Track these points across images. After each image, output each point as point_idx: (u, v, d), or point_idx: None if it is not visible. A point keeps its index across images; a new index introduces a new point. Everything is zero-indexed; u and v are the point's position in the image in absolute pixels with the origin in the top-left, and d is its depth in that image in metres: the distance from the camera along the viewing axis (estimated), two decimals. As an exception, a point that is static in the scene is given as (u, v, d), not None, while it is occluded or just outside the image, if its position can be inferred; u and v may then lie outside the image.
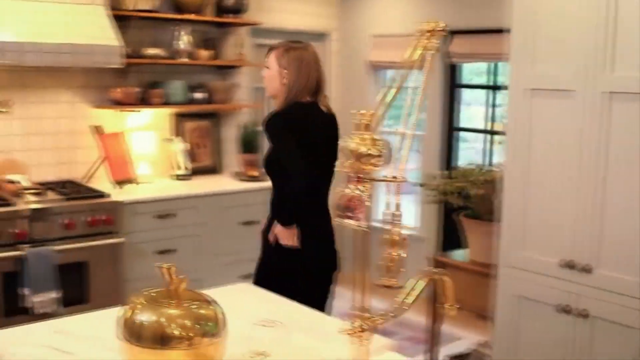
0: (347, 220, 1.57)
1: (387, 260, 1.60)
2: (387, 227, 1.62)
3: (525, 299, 3.32)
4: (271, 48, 3.29)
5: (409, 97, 1.60)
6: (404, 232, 1.60)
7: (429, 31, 1.65)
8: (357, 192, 1.54)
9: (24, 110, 4.84)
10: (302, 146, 3.11)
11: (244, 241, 5.17)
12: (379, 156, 1.54)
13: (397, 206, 1.61)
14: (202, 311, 1.71)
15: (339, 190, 1.61)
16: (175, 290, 1.70)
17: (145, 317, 1.67)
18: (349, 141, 1.57)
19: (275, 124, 3.18)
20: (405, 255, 1.61)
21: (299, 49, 3.24)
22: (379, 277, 1.61)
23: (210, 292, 1.85)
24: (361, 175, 1.54)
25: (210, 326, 1.69)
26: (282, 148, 3.16)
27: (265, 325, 2.07)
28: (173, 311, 1.68)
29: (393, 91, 1.63)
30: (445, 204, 5.08)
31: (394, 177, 1.58)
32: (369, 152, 1.53)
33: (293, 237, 3.23)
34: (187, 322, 1.65)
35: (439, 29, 1.68)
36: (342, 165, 1.57)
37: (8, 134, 4.79)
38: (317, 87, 3.26)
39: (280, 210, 3.26)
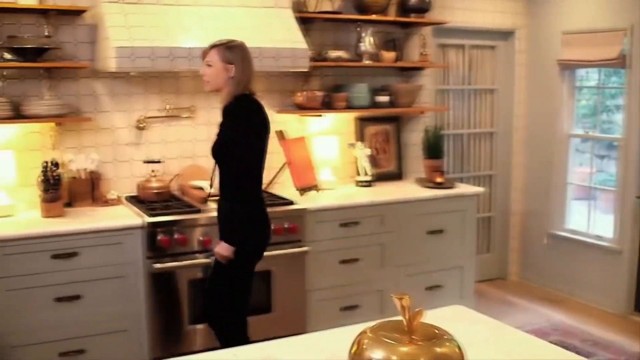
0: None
1: None
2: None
3: None
4: (211, 46, 3.47)
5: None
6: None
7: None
8: None
9: (208, 115, 4.82)
10: (256, 138, 3.51)
11: (430, 251, 4.92)
12: None
13: None
14: (440, 349, 1.45)
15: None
16: (409, 324, 1.45)
17: (376, 354, 1.43)
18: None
19: (239, 115, 3.45)
20: None
21: (238, 45, 3.48)
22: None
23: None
24: None
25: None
26: (241, 137, 3.43)
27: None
28: (407, 349, 1.43)
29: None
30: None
31: None
32: None
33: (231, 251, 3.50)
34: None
35: None
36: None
37: (192, 140, 4.79)
38: (253, 80, 3.55)
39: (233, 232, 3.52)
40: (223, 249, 3.49)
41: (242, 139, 3.43)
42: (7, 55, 4.03)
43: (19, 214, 4.14)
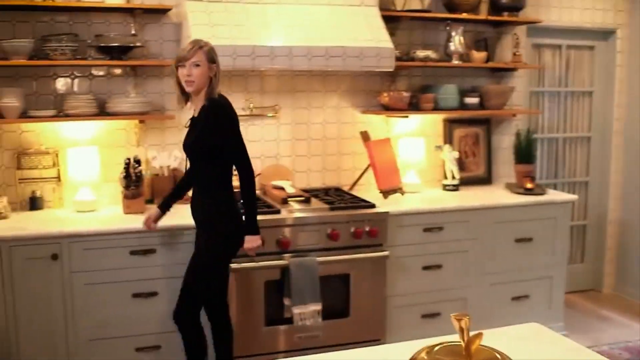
0: None
1: None
2: None
3: None
4: (198, 47, 3.41)
5: None
6: None
7: None
8: None
9: (291, 115, 4.78)
10: (237, 134, 3.51)
11: (517, 260, 4.72)
12: None
13: None
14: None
15: None
16: (467, 348, 1.32)
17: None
18: None
19: (228, 112, 3.47)
20: None
21: (212, 46, 3.48)
22: None
23: (492, 334, 1.45)
24: None
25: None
26: (231, 135, 3.46)
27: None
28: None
29: None
30: None
31: None
32: None
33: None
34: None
35: None
36: None
37: (275, 139, 4.76)
38: None
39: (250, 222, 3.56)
40: (252, 241, 3.55)
41: (237, 134, 3.49)
42: (95, 54, 4.10)
43: (102, 209, 4.21)
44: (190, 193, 3.71)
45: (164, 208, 3.77)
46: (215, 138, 3.42)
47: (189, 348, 3.66)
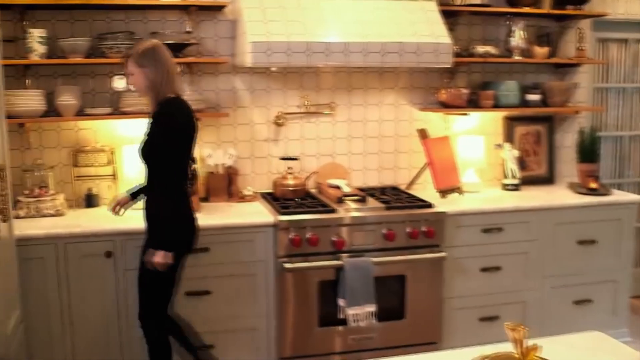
0: None
1: None
2: None
3: None
4: (126, 56, 3.41)
5: None
6: None
7: None
8: None
9: (347, 112, 4.72)
10: (184, 139, 3.41)
11: (580, 263, 4.57)
12: None
13: None
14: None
15: None
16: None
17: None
18: None
19: (165, 120, 3.34)
20: None
21: (150, 48, 3.37)
22: None
23: (551, 342, 1.36)
24: None
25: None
26: (168, 140, 3.34)
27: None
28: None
29: None
30: None
31: None
32: None
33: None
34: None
35: None
36: None
37: (331, 137, 4.70)
38: (175, 80, 3.46)
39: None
40: (160, 257, 3.30)
41: (168, 142, 3.34)
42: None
43: (157, 207, 4.20)
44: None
45: (135, 196, 3.67)
46: (151, 142, 3.36)
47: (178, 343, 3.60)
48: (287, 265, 3.85)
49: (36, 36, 3.87)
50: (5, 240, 3.29)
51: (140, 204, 3.53)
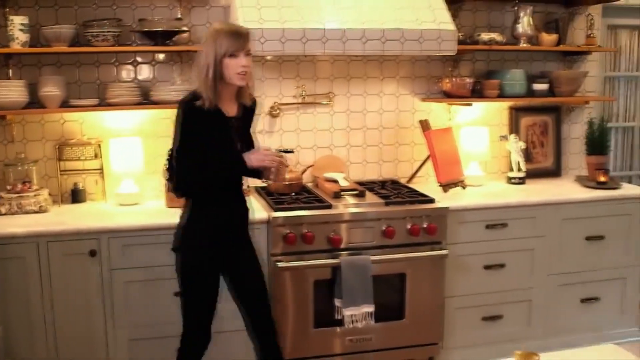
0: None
1: None
2: None
3: None
4: (248, 33, 3.10)
5: None
6: None
7: None
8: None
9: (346, 103, 4.57)
10: None
11: (588, 259, 4.42)
12: None
13: None
14: None
15: None
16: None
17: None
18: None
19: None
20: None
21: None
22: None
23: (562, 356, 1.20)
24: None
25: None
26: None
27: None
28: None
29: None
30: None
31: None
32: None
33: None
34: None
35: None
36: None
37: (329, 129, 4.56)
38: None
39: None
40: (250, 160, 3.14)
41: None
42: (138, 40, 3.94)
43: (145, 202, 4.07)
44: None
45: None
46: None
47: None
48: (282, 264, 3.71)
49: (18, 23, 3.70)
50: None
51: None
